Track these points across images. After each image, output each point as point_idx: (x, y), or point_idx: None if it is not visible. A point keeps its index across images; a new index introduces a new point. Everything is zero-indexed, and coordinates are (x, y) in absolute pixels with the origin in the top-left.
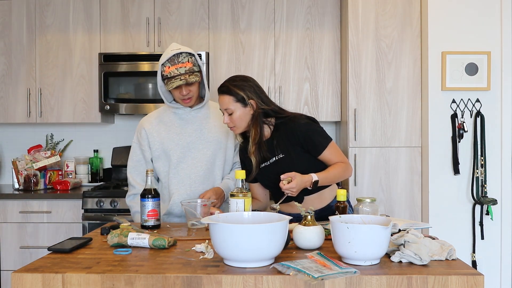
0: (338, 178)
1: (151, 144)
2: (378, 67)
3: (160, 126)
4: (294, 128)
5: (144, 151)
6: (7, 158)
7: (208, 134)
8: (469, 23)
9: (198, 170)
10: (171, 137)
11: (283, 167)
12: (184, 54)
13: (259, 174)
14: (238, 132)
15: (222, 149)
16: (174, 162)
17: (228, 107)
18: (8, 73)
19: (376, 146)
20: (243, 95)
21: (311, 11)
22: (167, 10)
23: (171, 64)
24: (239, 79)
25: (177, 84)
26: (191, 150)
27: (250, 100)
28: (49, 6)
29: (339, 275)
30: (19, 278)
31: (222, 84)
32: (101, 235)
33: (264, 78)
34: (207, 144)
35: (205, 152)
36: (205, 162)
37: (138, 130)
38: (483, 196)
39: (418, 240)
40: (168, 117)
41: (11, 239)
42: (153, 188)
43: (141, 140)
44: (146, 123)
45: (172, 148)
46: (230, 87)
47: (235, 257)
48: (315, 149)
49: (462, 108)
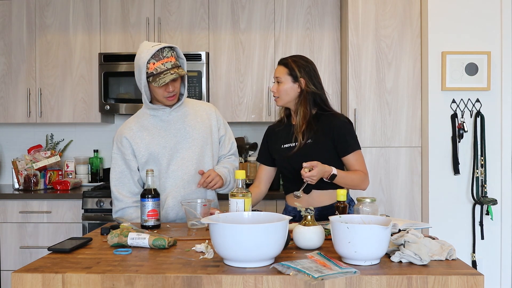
0: (354, 184)
1: (136, 151)
2: (378, 67)
3: (142, 131)
4: (333, 121)
5: (128, 161)
6: (7, 158)
7: (193, 131)
8: (469, 23)
9: (190, 170)
10: (157, 141)
11: (307, 153)
12: (166, 49)
13: (281, 154)
14: (279, 104)
15: (208, 145)
16: (164, 166)
17: (279, 77)
18: (8, 73)
19: (376, 146)
20: (297, 72)
21: (311, 11)
22: (167, 10)
23: (156, 60)
24: (301, 58)
25: (170, 78)
26: (179, 151)
27: (301, 78)
28: (49, 6)
29: (339, 275)
30: (19, 278)
31: (285, 57)
32: (101, 235)
33: (264, 78)
34: (193, 142)
35: (194, 150)
36: (194, 161)
37: (118, 140)
38: (483, 196)
39: (418, 240)
40: (148, 121)
41: (11, 239)
42: (153, 188)
43: (124, 149)
44: (126, 130)
45: (160, 152)
46: (289, 61)
47: (235, 257)
48: (344, 148)
49: (462, 108)
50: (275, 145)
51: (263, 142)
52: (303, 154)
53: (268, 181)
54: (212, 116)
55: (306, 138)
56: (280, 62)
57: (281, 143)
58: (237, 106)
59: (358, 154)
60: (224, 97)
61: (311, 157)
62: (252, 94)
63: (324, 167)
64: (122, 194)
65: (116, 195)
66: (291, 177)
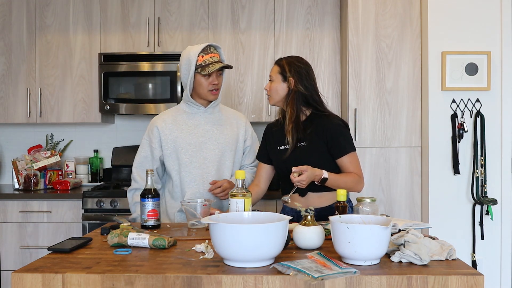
0: (347, 187)
1: (163, 142)
2: (378, 67)
3: (173, 125)
4: (326, 123)
5: (153, 149)
6: (7, 158)
7: (220, 136)
8: (469, 23)
9: (210, 170)
10: (184, 136)
11: (301, 155)
12: (213, 47)
13: (277, 156)
14: (271, 103)
15: (232, 151)
16: (185, 161)
17: (272, 75)
18: (8, 73)
19: (376, 146)
20: (287, 71)
21: (311, 11)
22: (167, 10)
23: (204, 53)
24: (296, 59)
25: (219, 66)
26: (202, 150)
27: (290, 77)
28: (49, 6)
29: (339, 275)
30: (19, 278)
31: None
32: (101, 235)
33: (264, 78)
34: (218, 145)
35: (216, 153)
36: (216, 162)
37: (150, 128)
38: (483, 196)
39: (418, 240)
40: (181, 117)
41: (11, 239)
42: (153, 188)
43: (152, 137)
44: (159, 121)
45: (184, 148)
46: (283, 61)
47: (235, 257)
48: (337, 150)
49: (462, 108)
50: (271, 146)
51: (262, 141)
52: (297, 157)
53: (267, 179)
54: (241, 125)
55: (297, 141)
56: (276, 61)
57: (276, 145)
58: (237, 106)
59: (352, 156)
60: (224, 97)
61: (304, 160)
62: (252, 94)
63: (314, 171)
64: (140, 176)
65: (134, 176)
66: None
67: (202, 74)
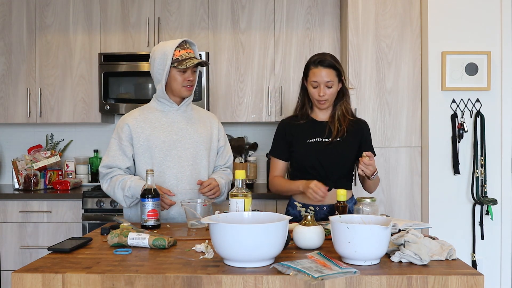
0: (376, 186)
1: (135, 140)
2: (378, 67)
3: (145, 122)
4: (362, 125)
5: (125, 147)
6: (7, 158)
7: (194, 134)
8: (469, 23)
9: (185, 170)
10: (157, 134)
11: (336, 150)
12: (188, 43)
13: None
14: (326, 107)
15: (207, 150)
16: (158, 160)
17: (331, 80)
18: (8, 73)
19: (376, 146)
20: (342, 72)
21: (311, 11)
22: (167, 10)
23: (181, 48)
24: (335, 59)
25: (196, 61)
26: (177, 148)
27: (343, 77)
28: (49, 6)
29: (339, 275)
30: (19, 278)
31: (323, 58)
32: (101, 235)
33: (264, 78)
34: (193, 143)
35: (191, 152)
36: (190, 162)
37: (120, 126)
38: (483, 196)
39: (418, 240)
40: (153, 115)
41: (11, 239)
42: (153, 188)
43: (123, 135)
44: (129, 119)
45: (158, 146)
46: (335, 63)
47: (235, 257)
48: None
49: (462, 108)
50: (297, 139)
51: (280, 136)
52: (332, 150)
53: (285, 175)
54: (214, 125)
55: (336, 136)
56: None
57: (305, 138)
58: (237, 106)
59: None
60: (224, 97)
61: (339, 155)
62: (252, 94)
63: (375, 164)
64: (108, 169)
65: (101, 171)
66: (313, 172)
67: (178, 69)
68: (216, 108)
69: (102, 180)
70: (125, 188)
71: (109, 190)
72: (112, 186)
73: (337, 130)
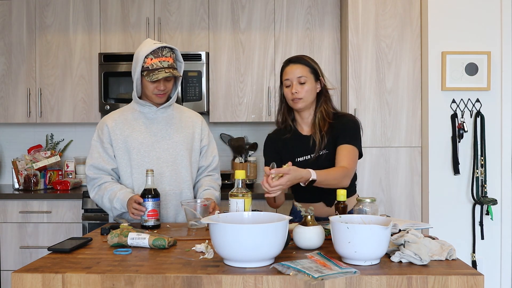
0: (335, 183)
1: (113, 141)
2: (378, 67)
3: (124, 124)
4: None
5: (106, 149)
6: (7, 158)
7: (174, 134)
8: (469, 23)
9: (164, 171)
10: (135, 135)
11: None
12: (167, 49)
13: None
14: (301, 106)
15: (187, 151)
16: (137, 162)
17: (303, 75)
18: (8, 73)
19: (376, 146)
20: (318, 70)
21: (311, 11)
22: (167, 10)
23: (154, 56)
24: (310, 58)
25: (163, 75)
26: (155, 150)
27: (321, 77)
28: (49, 6)
29: (339, 275)
30: (19, 278)
31: (295, 56)
32: (101, 235)
33: (264, 78)
34: (172, 144)
35: (171, 152)
36: (170, 163)
37: (100, 127)
38: (483, 196)
39: (418, 240)
40: (132, 115)
41: (11, 239)
42: (153, 188)
43: (103, 137)
44: (108, 120)
45: (135, 147)
46: (307, 59)
47: (235, 257)
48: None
49: (462, 108)
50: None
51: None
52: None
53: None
54: (197, 124)
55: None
56: (294, 61)
57: (294, 156)
58: (237, 106)
59: (351, 150)
60: (224, 97)
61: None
62: (252, 94)
63: (300, 173)
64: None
65: (90, 176)
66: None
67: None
68: (216, 108)
69: (89, 186)
70: (114, 200)
71: (96, 198)
72: (100, 195)
73: (319, 142)
